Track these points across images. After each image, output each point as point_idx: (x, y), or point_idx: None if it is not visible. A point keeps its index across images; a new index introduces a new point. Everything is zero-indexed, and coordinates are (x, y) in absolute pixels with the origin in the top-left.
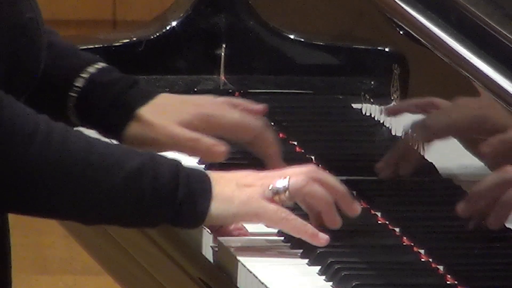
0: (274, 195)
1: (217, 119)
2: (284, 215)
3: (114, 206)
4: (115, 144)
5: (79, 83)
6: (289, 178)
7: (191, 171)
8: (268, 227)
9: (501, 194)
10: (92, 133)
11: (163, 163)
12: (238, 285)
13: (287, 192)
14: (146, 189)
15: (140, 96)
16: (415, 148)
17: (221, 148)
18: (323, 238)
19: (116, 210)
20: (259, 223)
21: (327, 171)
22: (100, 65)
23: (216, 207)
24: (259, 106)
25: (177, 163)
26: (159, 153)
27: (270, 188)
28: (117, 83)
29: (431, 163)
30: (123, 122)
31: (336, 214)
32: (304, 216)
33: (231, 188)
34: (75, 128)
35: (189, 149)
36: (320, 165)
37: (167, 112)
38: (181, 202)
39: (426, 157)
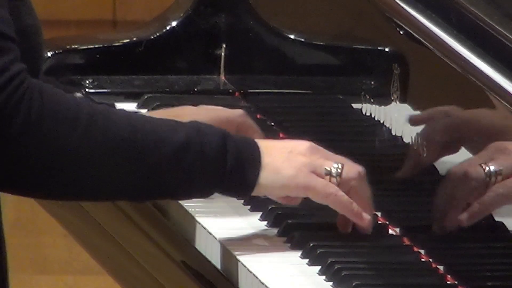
0: (325, 176)
1: (201, 116)
2: (333, 190)
3: (164, 181)
4: (158, 119)
5: None
6: (344, 166)
7: (240, 140)
8: (314, 200)
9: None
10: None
11: (209, 133)
12: (238, 285)
13: (338, 177)
14: (194, 161)
15: None
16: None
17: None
18: (366, 218)
19: (166, 184)
20: (306, 196)
21: None
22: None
23: (265, 177)
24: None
25: (223, 132)
26: (204, 123)
27: (324, 167)
28: None
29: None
30: None
31: (371, 218)
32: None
33: (282, 158)
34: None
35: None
36: None
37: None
38: (230, 171)
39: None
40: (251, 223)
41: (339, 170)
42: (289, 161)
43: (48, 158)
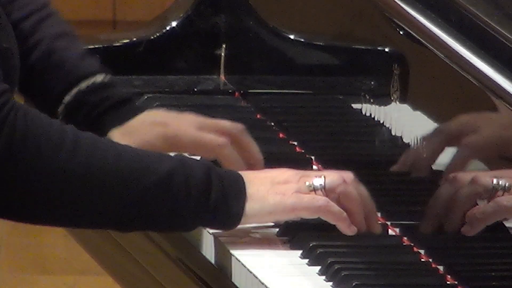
0: (310, 191)
1: (177, 138)
2: (321, 202)
3: (147, 213)
4: (144, 150)
5: (66, 100)
6: (325, 177)
7: (223, 172)
8: (307, 217)
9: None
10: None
11: (195, 166)
12: (237, 285)
13: (323, 189)
14: (179, 193)
15: (116, 118)
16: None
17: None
18: (353, 230)
19: (149, 216)
20: (297, 218)
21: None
22: (92, 80)
23: (251, 207)
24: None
25: (208, 165)
26: (189, 156)
27: (306, 184)
28: (100, 104)
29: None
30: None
31: (363, 220)
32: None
33: (266, 187)
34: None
35: (214, 153)
36: (319, 165)
37: (132, 135)
38: (215, 204)
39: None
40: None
41: (321, 183)
42: (273, 189)
43: (30, 181)
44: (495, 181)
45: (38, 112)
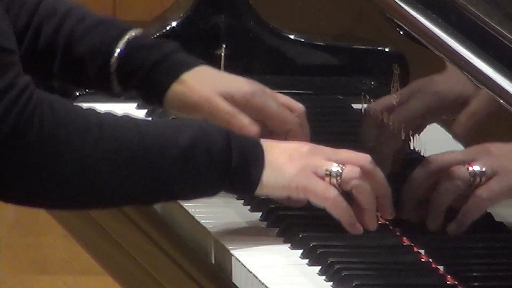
0: (326, 176)
1: (258, 102)
2: (331, 195)
3: (173, 184)
4: (163, 121)
5: (120, 47)
6: (344, 166)
7: (243, 138)
8: (313, 202)
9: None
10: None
11: (214, 133)
12: (238, 285)
13: (338, 178)
14: (201, 162)
15: (185, 61)
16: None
17: (253, 129)
18: (358, 229)
19: (175, 186)
20: (306, 197)
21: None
22: (138, 31)
23: (268, 175)
24: (297, 105)
25: (227, 131)
26: (207, 122)
27: (324, 168)
28: (159, 47)
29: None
30: (168, 83)
31: (375, 216)
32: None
33: (284, 159)
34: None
35: (224, 122)
36: None
37: (211, 81)
38: (235, 169)
39: (426, 156)
40: (251, 223)
41: (339, 171)
42: (291, 161)
43: (64, 169)
44: (470, 169)
45: (60, 99)
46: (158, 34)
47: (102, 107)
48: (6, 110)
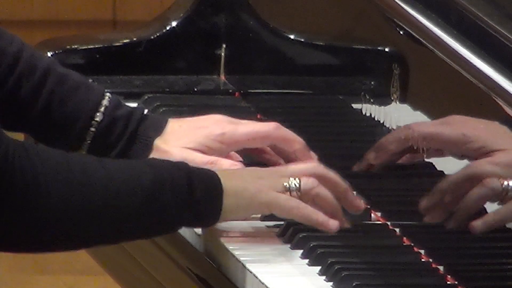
0: (285, 192)
1: (230, 135)
2: (295, 204)
3: (140, 224)
4: (125, 162)
5: (98, 118)
6: (301, 179)
7: (199, 170)
8: (279, 216)
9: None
10: None
11: (174, 169)
12: (238, 284)
13: (298, 191)
14: (168, 199)
15: (153, 128)
16: (415, 147)
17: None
18: (333, 225)
19: (142, 226)
20: (271, 213)
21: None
22: (108, 96)
23: (229, 201)
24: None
25: (185, 165)
26: (166, 160)
27: (283, 184)
28: (131, 116)
29: (431, 162)
30: (144, 154)
31: (342, 217)
32: None
33: (242, 182)
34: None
35: None
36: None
37: (180, 139)
38: (199, 201)
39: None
40: (251, 223)
41: (297, 185)
42: (248, 183)
43: (45, 215)
44: (505, 183)
45: (34, 145)
46: (158, 34)
47: None
48: None
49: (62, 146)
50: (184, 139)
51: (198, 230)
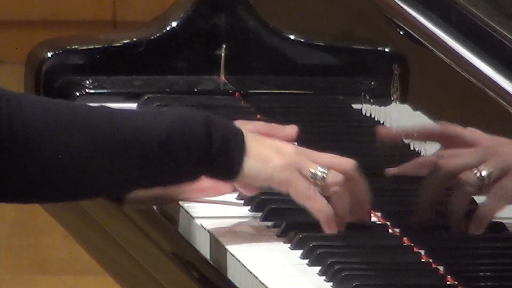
0: (310, 178)
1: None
2: (313, 194)
3: (152, 173)
4: (141, 111)
5: None
6: (329, 172)
7: (223, 124)
8: (293, 199)
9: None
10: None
11: (193, 119)
12: (237, 284)
13: (322, 181)
14: (180, 150)
15: None
16: (415, 148)
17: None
18: (334, 230)
19: (153, 175)
20: (287, 192)
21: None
22: None
23: (250, 164)
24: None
25: (207, 117)
26: (186, 109)
27: (310, 170)
28: None
29: None
30: None
31: (342, 223)
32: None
33: (268, 151)
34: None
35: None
36: None
37: None
38: (214, 156)
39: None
40: (251, 223)
41: (324, 175)
42: (276, 154)
43: (35, 165)
44: (477, 174)
45: (28, 95)
46: (158, 34)
47: None
48: None
49: None
50: None
51: (198, 230)
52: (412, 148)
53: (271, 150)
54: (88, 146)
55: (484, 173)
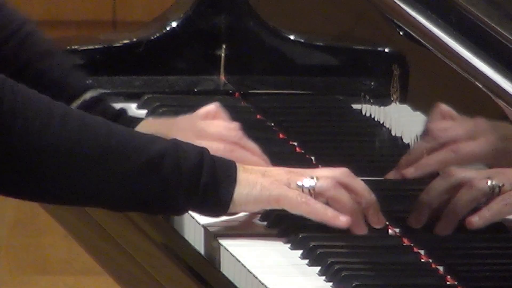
0: (298, 189)
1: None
2: (304, 199)
3: (137, 192)
4: (138, 131)
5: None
6: (317, 180)
7: (217, 158)
8: (290, 211)
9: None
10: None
11: (187, 149)
12: (237, 284)
13: (312, 191)
14: (169, 174)
15: (135, 118)
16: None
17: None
18: (343, 221)
19: (139, 196)
20: (280, 208)
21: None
22: (82, 99)
23: (239, 192)
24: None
25: (202, 150)
26: (183, 141)
27: (297, 183)
28: (104, 114)
29: None
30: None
31: (362, 221)
32: None
33: (257, 176)
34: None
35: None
36: (320, 166)
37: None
38: (204, 188)
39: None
40: (251, 223)
41: (312, 184)
42: (263, 177)
43: (19, 155)
44: (489, 183)
45: (26, 88)
46: (158, 34)
47: None
48: None
49: None
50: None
51: (198, 231)
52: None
53: (258, 174)
54: (72, 148)
55: (494, 182)
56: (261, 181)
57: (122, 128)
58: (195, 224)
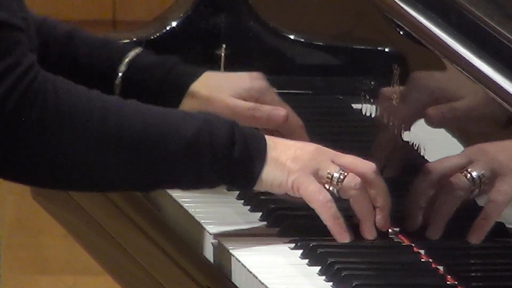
0: (327, 179)
1: (266, 95)
2: (322, 198)
3: (175, 173)
4: (170, 110)
5: (121, 70)
6: (347, 176)
7: (248, 131)
8: (306, 202)
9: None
10: None
11: (219, 125)
12: (238, 285)
13: (339, 184)
14: (204, 154)
15: (188, 73)
16: (415, 148)
17: (281, 112)
18: (346, 240)
19: (176, 176)
20: (299, 195)
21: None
22: (137, 50)
23: (268, 172)
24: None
25: (232, 123)
26: (213, 114)
27: (326, 171)
28: (161, 64)
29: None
30: (177, 99)
31: (373, 227)
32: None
33: (287, 156)
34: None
35: (249, 118)
36: None
37: (220, 86)
38: (236, 162)
39: (425, 157)
40: (251, 223)
41: (341, 177)
42: (293, 159)
43: (62, 152)
44: (468, 176)
45: (65, 80)
46: (158, 34)
47: None
48: (11, 88)
49: None
50: (223, 86)
51: (198, 231)
52: (412, 147)
53: (289, 155)
54: (114, 139)
55: (474, 174)
56: (289, 166)
57: (156, 112)
58: (197, 223)
